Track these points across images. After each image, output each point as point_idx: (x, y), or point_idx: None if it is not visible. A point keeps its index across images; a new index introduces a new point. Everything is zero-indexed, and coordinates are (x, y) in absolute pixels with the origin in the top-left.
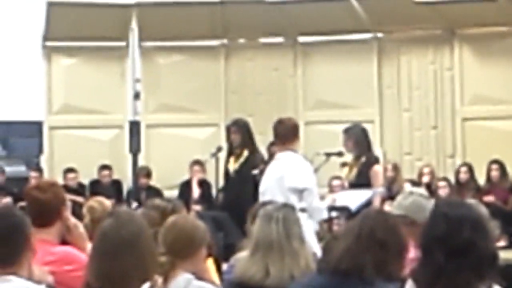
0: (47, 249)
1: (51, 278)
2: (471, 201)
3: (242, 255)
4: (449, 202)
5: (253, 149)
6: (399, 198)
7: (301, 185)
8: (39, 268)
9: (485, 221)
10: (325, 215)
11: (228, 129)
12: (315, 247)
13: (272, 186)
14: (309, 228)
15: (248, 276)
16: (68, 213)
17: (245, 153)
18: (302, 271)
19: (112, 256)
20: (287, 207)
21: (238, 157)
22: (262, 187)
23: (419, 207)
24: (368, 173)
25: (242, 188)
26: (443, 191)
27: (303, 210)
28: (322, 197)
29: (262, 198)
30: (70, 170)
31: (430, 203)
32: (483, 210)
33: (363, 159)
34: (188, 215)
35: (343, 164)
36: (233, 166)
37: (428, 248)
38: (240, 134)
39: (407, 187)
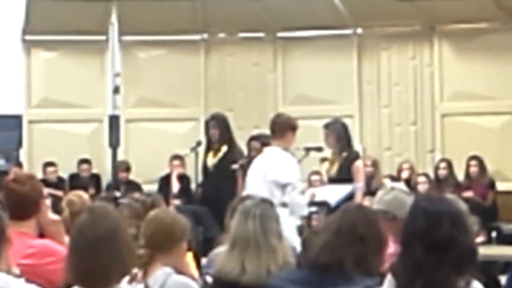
0: (26, 242)
1: (17, 271)
2: (451, 196)
3: (221, 250)
4: (429, 197)
5: (232, 144)
6: (380, 193)
7: (284, 180)
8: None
9: (465, 217)
10: (305, 211)
11: (207, 124)
12: (295, 242)
13: (257, 179)
14: (290, 223)
15: (225, 272)
16: (47, 209)
17: (224, 148)
18: (280, 267)
19: (89, 252)
20: (266, 202)
21: (216, 152)
22: (248, 181)
23: (400, 203)
24: (350, 168)
25: (221, 183)
26: (422, 187)
27: (285, 204)
28: (302, 192)
29: (247, 191)
30: (49, 164)
31: (411, 199)
32: (462, 206)
33: (344, 154)
34: (169, 209)
35: (323, 160)
36: (211, 161)
37: (408, 243)
38: (218, 129)
39: (387, 182)
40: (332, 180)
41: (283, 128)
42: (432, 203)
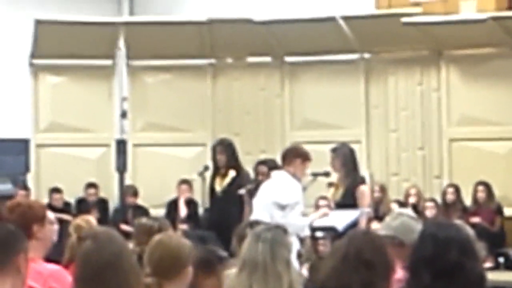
0: (32, 267)
1: None
2: (458, 222)
3: (231, 272)
4: (438, 223)
5: (239, 169)
6: (387, 219)
7: (284, 201)
8: None
9: (473, 243)
10: (306, 231)
11: (214, 149)
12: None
13: (259, 202)
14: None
15: None
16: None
17: (231, 173)
18: None
19: (96, 280)
20: (279, 228)
21: (224, 176)
22: (254, 205)
23: (407, 229)
24: (354, 193)
25: (228, 208)
26: (430, 212)
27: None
28: (305, 215)
29: (253, 216)
30: (55, 190)
31: (419, 224)
32: (469, 232)
33: (349, 179)
34: (172, 233)
35: (330, 184)
36: (219, 186)
37: (416, 268)
38: (225, 154)
39: (394, 207)
40: (338, 205)
41: (292, 155)
42: (441, 229)
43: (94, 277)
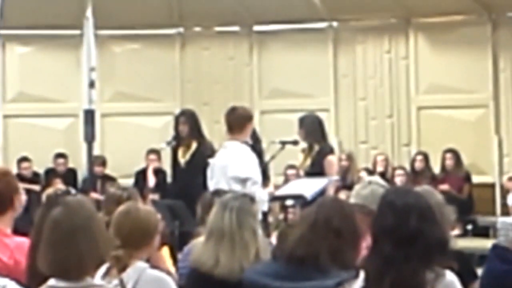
0: (0, 239)
1: None
2: (426, 188)
3: (199, 241)
4: (396, 191)
5: (202, 140)
6: (357, 187)
7: (244, 175)
8: None
9: (432, 208)
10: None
11: (176, 120)
12: None
13: (217, 174)
14: None
15: (200, 262)
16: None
17: (194, 144)
18: (251, 263)
19: (66, 243)
20: (245, 197)
21: (187, 148)
22: (208, 173)
23: (377, 197)
24: (322, 162)
25: (193, 179)
26: (400, 180)
27: None
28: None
29: (209, 183)
30: (23, 159)
31: None
32: (438, 197)
33: (316, 148)
34: (139, 204)
35: (303, 151)
36: (183, 157)
37: (377, 238)
38: (188, 125)
39: (363, 176)
40: (306, 174)
41: (241, 121)
42: (399, 197)
43: (64, 241)
